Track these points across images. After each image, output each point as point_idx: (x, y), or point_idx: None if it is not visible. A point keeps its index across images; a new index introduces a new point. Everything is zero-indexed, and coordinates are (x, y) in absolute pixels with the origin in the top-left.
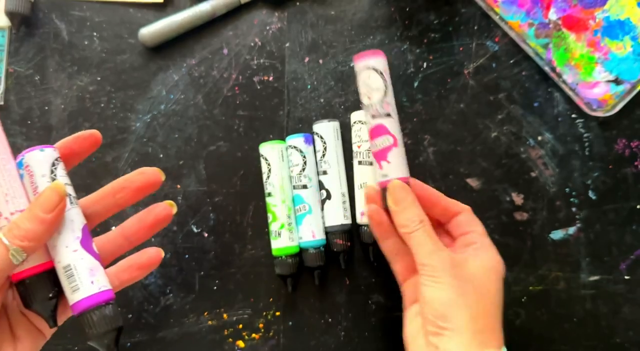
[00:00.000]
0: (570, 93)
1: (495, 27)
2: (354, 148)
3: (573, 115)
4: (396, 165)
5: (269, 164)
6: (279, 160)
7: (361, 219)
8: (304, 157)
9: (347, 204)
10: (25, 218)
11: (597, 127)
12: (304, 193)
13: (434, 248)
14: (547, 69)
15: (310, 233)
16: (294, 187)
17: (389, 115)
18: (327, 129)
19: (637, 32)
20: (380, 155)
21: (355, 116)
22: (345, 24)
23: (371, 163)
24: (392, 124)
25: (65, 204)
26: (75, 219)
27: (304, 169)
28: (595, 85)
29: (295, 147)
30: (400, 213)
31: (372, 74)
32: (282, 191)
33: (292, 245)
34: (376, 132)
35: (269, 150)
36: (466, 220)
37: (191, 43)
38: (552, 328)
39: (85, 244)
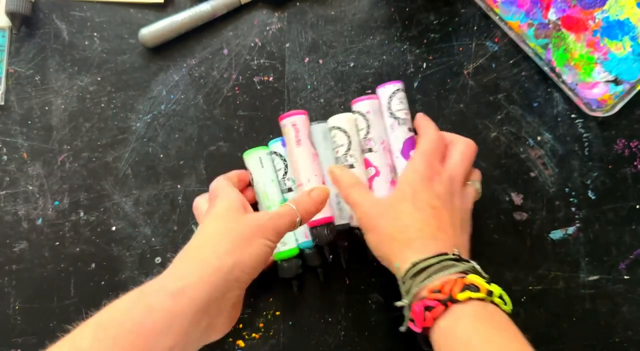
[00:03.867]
0: (569, 93)
1: (494, 27)
2: (334, 153)
3: (572, 115)
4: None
5: (251, 173)
6: (259, 168)
7: (351, 222)
8: (285, 160)
9: (342, 204)
10: (313, 205)
11: (596, 127)
12: (290, 196)
13: (361, 196)
14: (546, 69)
15: (303, 235)
16: (282, 191)
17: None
18: (318, 130)
19: (636, 32)
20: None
21: (331, 121)
22: (345, 24)
23: (352, 166)
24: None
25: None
26: None
27: (286, 173)
28: (594, 86)
29: (275, 153)
30: (341, 190)
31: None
32: (266, 198)
33: (291, 248)
34: None
35: (248, 159)
36: (417, 125)
37: (191, 43)
38: (551, 327)
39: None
